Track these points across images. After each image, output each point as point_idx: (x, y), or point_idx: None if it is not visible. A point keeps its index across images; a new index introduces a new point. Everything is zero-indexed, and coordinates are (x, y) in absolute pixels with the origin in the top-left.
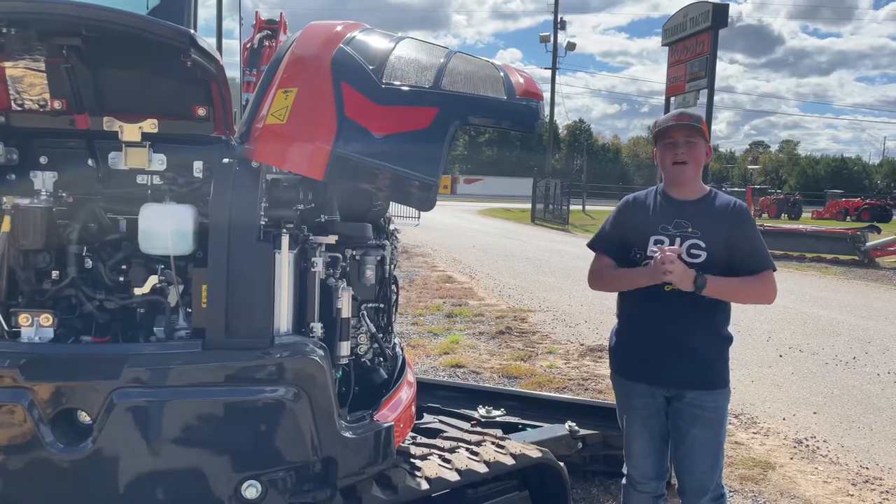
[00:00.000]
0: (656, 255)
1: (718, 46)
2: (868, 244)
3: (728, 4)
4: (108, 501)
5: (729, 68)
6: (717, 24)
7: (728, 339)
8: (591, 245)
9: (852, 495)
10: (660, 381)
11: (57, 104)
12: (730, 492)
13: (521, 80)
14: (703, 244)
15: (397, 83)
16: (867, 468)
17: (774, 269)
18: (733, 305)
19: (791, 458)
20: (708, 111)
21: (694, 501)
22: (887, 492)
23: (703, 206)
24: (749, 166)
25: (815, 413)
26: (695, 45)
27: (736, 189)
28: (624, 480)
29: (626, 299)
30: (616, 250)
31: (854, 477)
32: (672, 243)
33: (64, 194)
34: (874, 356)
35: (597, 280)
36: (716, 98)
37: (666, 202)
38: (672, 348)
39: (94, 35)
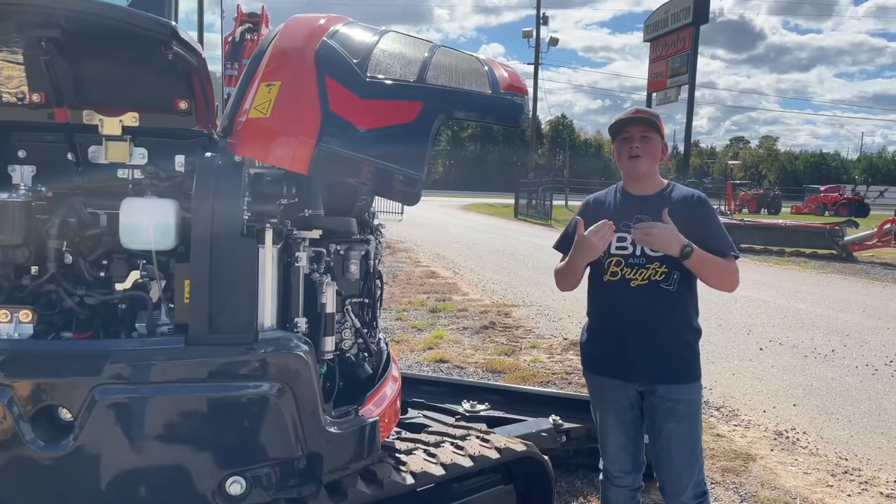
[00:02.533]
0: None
1: (700, 42)
2: (846, 238)
3: (709, 1)
4: (91, 499)
5: (711, 64)
6: (697, 20)
7: (697, 332)
8: (555, 246)
9: (832, 486)
10: (631, 375)
11: (36, 97)
12: (711, 483)
13: (506, 75)
14: None
15: (382, 77)
16: (846, 459)
17: (737, 257)
18: (712, 299)
19: (771, 450)
20: (689, 107)
21: (675, 499)
22: (866, 482)
23: (661, 199)
24: (729, 162)
25: (794, 405)
26: (676, 41)
27: (692, 183)
28: (601, 476)
29: (594, 296)
30: None
31: (833, 468)
32: (634, 238)
33: (43, 188)
34: (852, 349)
35: (556, 280)
36: (697, 94)
37: (625, 199)
38: (641, 343)
39: (74, 27)
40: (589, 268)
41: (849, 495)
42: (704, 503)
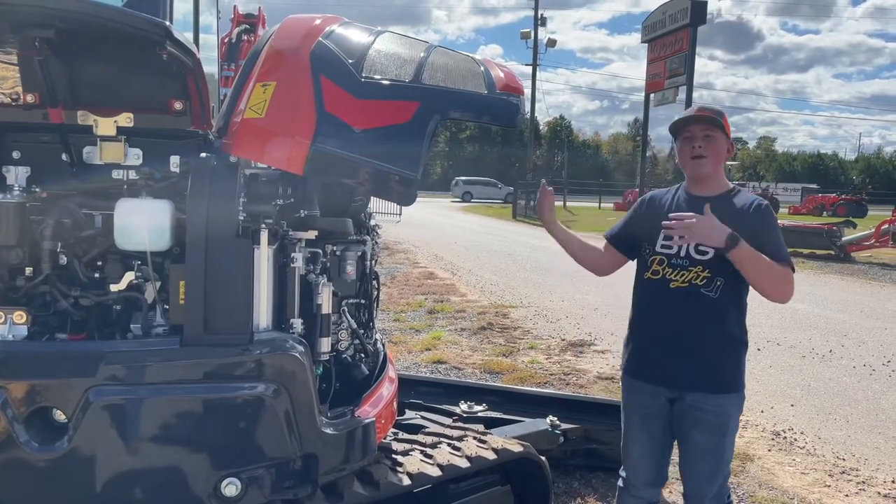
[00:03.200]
0: (668, 225)
1: (698, 43)
2: (844, 239)
3: (706, 2)
4: (85, 501)
5: (709, 65)
6: (695, 21)
7: (740, 343)
8: (605, 235)
9: (829, 486)
10: (661, 381)
11: (30, 98)
12: None
13: (502, 75)
14: None
15: (377, 77)
16: (843, 459)
17: (793, 270)
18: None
19: (769, 450)
20: (687, 108)
21: None
22: (863, 482)
23: (721, 202)
24: (727, 162)
25: (792, 405)
26: (674, 41)
27: None
28: (620, 482)
29: (636, 293)
30: (625, 244)
31: (831, 468)
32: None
33: (37, 189)
34: (850, 349)
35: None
36: (695, 94)
37: (684, 199)
38: (673, 347)
39: (68, 27)
40: (636, 264)
41: (846, 495)
42: None
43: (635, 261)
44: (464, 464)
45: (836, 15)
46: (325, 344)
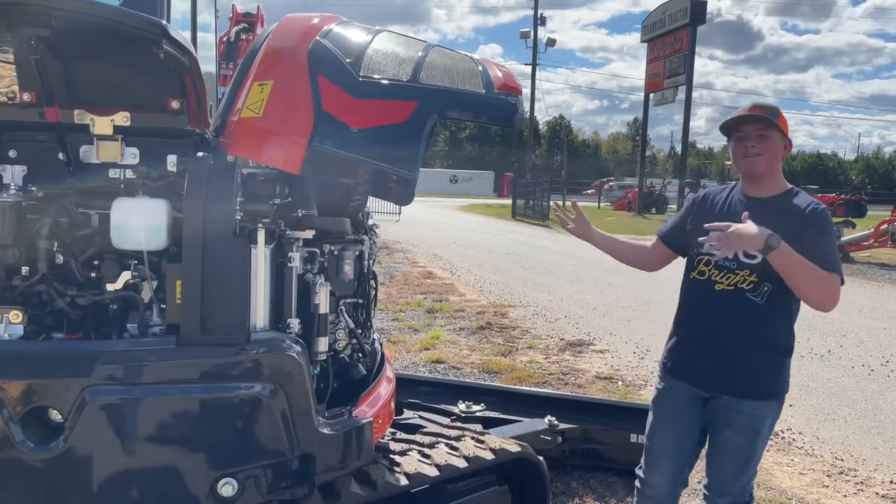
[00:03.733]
0: (706, 240)
1: (697, 42)
2: (843, 239)
3: (706, 2)
4: (81, 501)
5: (709, 64)
6: (695, 21)
7: (784, 350)
8: (657, 232)
9: (827, 486)
10: (697, 381)
11: (26, 96)
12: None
13: (500, 75)
14: None
15: (375, 76)
16: (842, 459)
17: (842, 280)
18: None
19: (767, 450)
20: (686, 107)
21: (714, 499)
22: (861, 483)
23: (775, 203)
24: (727, 162)
25: (790, 405)
26: (673, 41)
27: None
28: (637, 482)
29: (682, 291)
30: (675, 241)
31: (829, 468)
32: None
33: (34, 188)
34: (849, 349)
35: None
36: (694, 94)
37: (739, 199)
38: (714, 349)
39: (65, 26)
40: (685, 262)
41: (844, 496)
42: None
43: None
44: (461, 464)
45: (835, 15)
46: (323, 344)
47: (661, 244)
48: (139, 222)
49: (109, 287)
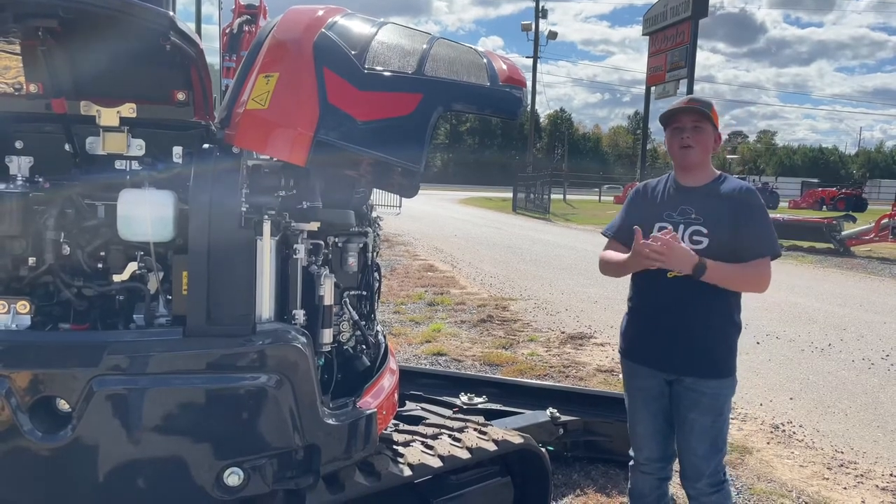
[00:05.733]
0: (651, 243)
1: (700, 35)
2: (843, 233)
3: None
4: (89, 490)
5: (711, 58)
6: (697, 14)
7: (736, 327)
8: (603, 232)
9: (827, 479)
10: (660, 364)
11: (33, 88)
12: None
13: (505, 67)
14: (705, 230)
15: (380, 69)
16: (842, 452)
17: (774, 257)
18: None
19: (768, 443)
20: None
21: (692, 485)
22: (861, 475)
23: (708, 191)
24: (728, 156)
25: (791, 399)
26: (675, 34)
27: None
28: (631, 462)
29: (634, 281)
30: (626, 236)
31: (829, 461)
32: (675, 230)
33: (40, 179)
34: (849, 343)
35: (601, 265)
36: (696, 88)
37: (674, 189)
38: (673, 333)
39: (72, 17)
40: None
41: (844, 488)
42: (721, 491)
43: None
44: (464, 455)
45: (839, 8)
46: (327, 335)
47: (616, 243)
48: (146, 213)
49: (116, 278)
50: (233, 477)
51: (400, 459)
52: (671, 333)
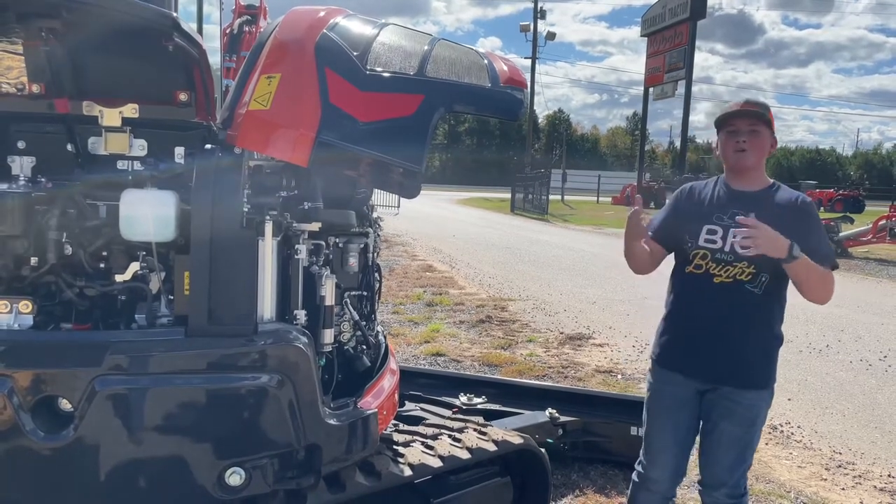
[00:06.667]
0: (735, 232)
1: (698, 36)
2: (841, 234)
3: None
4: (90, 490)
5: (710, 59)
6: (695, 16)
7: (778, 340)
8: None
9: (826, 479)
10: (695, 372)
11: (35, 88)
12: None
13: (506, 68)
14: None
15: (382, 69)
16: (840, 453)
17: (834, 268)
18: None
19: (766, 444)
20: (686, 102)
21: (709, 493)
22: (860, 476)
23: (763, 197)
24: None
25: (789, 399)
26: (673, 35)
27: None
28: (635, 476)
29: (675, 286)
30: (667, 237)
31: (827, 462)
32: (725, 233)
33: (42, 179)
34: (847, 344)
35: (626, 257)
36: (694, 89)
37: (725, 192)
38: (714, 342)
39: (75, 17)
40: (674, 255)
41: (843, 489)
42: (739, 503)
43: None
44: (464, 455)
45: (837, 9)
46: (328, 335)
47: (654, 243)
48: (148, 214)
49: (118, 278)
50: (234, 477)
51: (400, 459)
52: (713, 341)
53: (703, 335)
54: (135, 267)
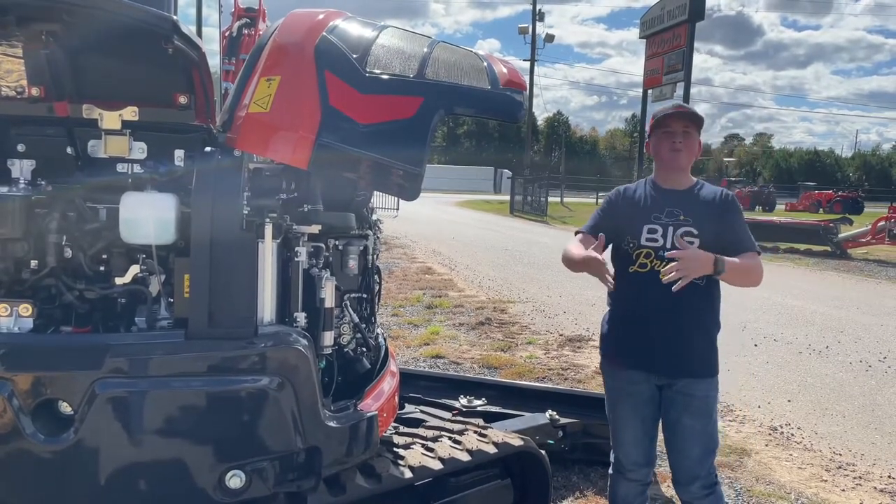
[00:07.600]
0: (665, 269)
1: (697, 38)
2: (840, 235)
3: None
4: (91, 493)
5: (708, 60)
6: (693, 18)
7: (717, 327)
8: (577, 232)
9: (826, 481)
10: (653, 368)
11: (35, 91)
12: None
13: (505, 70)
14: (695, 231)
15: (381, 72)
16: (840, 454)
17: (758, 252)
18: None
19: (766, 445)
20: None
21: (685, 489)
22: (860, 477)
23: (692, 194)
24: (725, 159)
25: (789, 401)
26: (672, 37)
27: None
28: (611, 470)
29: (619, 286)
30: (610, 235)
31: (827, 463)
32: (665, 231)
33: (42, 182)
34: (846, 345)
35: (563, 257)
36: (693, 91)
37: (656, 192)
38: (666, 336)
39: (74, 20)
40: (612, 259)
41: (843, 490)
42: (714, 493)
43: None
44: (465, 457)
45: (836, 11)
46: (328, 338)
47: (587, 238)
48: (148, 216)
49: (118, 281)
50: (234, 479)
51: (400, 462)
52: (665, 336)
53: (655, 331)
54: (135, 270)
